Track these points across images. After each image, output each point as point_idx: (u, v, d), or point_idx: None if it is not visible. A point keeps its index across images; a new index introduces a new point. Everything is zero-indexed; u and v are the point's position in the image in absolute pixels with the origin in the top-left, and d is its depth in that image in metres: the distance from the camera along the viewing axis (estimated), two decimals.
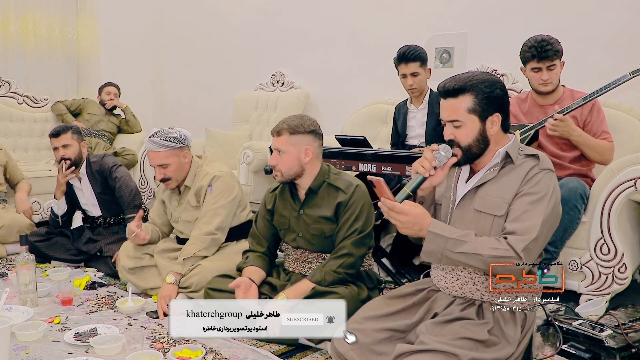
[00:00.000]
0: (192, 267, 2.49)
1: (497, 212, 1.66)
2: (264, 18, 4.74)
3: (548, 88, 2.60)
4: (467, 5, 3.60)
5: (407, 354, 1.57)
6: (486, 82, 1.66)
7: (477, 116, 1.67)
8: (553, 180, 1.66)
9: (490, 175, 1.70)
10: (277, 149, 2.17)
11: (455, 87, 1.67)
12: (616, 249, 2.36)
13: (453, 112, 1.68)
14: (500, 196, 1.67)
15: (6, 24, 4.65)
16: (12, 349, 2.02)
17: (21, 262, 2.45)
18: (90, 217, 3.32)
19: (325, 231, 2.20)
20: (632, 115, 2.82)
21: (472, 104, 1.66)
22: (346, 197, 2.16)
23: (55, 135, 3.18)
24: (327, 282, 2.10)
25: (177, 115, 5.39)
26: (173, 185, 2.67)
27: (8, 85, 4.63)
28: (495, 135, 1.70)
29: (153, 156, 2.58)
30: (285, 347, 2.11)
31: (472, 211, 1.71)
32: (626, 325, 1.99)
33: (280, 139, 2.17)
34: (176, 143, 2.58)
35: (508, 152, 1.70)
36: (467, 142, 1.68)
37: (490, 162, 1.73)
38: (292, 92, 4.47)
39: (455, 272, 1.76)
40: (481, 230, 1.68)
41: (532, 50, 2.56)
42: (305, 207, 2.24)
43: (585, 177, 2.62)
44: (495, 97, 1.66)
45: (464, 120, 1.67)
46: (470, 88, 1.66)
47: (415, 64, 2.98)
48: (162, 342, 2.13)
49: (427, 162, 1.68)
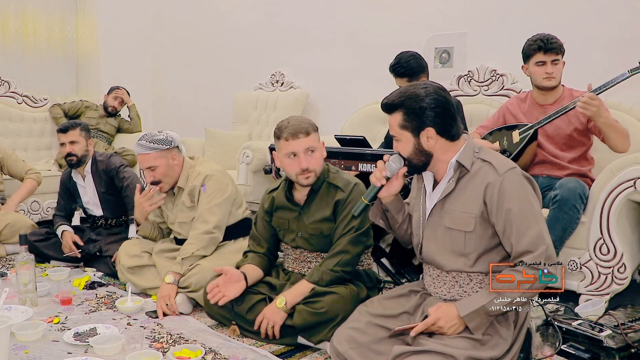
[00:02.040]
0: (190, 267, 2.49)
1: (466, 228, 1.67)
2: (263, 18, 4.74)
3: (552, 83, 2.60)
4: (467, 5, 3.60)
5: (405, 355, 1.58)
6: (416, 97, 1.65)
7: (409, 131, 1.68)
8: (519, 175, 1.64)
9: (449, 188, 1.70)
10: (309, 149, 2.11)
11: (387, 104, 1.72)
12: (615, 249, 2.36)
13: (390, 128, 1.75)
14: (465, 211, 1.67)
15: (6, 23, 4.64)
16: (12, 349, 2.02)
17: (20, 262, 2.45)
18: (91, 217, 3.32)
19: (324, 230, 2.20)
20: (631, 115, 2.82)
21: (402, 121, 1.68)
22: (344, 195, 2.15)
23: (63, 130, 3.18)
24: (324, 282, 2.10)
25: (176, 115, 5.39)
26: (166, 188, 2.67)
27: (7, 85, 4.63)
28: (437, 147, 1.68)
29: (142, 159, 2.59)
30: (284, 347, 2.11)
31: (443, 228, 1.73)
32: (625, 326, 1.99)
33: (310, 137, 2.12)
34: (163, 145, 2.58)
35: (459, 162, 1.69)
36: (406, 155, 1.72)
37: (446, 175, 1.73)
38: (292, 92, 4.46)
39: (440, 277, 1.77)
40: (455, 246, 1.70)
41: (537, 43, 2.57)
42: (305, 207, 2.24)
43: (584, 177, 2.62)
44: (423, 112, 1.65)
45: (399, 136, 1.72)
46: (399, 105, 1.68)
47: (403, 79, 2.94)
48: (161, 341, 2.13)
49: (379, 172, 1.74)
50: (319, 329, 2.02)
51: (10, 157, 3.62)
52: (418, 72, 2.96)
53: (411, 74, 2.94)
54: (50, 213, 4.10)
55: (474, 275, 1.71)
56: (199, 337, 2.18)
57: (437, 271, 1.78)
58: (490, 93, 3.40)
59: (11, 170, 3.61)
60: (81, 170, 3.24)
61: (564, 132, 2.62)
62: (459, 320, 1.62)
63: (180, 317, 2.39)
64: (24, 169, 3.61)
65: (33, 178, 3.58)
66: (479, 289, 1.70)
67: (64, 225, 3.24)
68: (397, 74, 2.97)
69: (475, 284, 1.71)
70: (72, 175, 3.30)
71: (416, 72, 2.95)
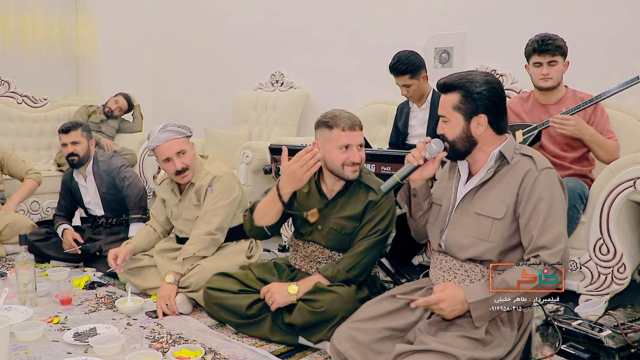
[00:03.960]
0: (191, 267, 2.48)
1: (496, 215, 1.68)
2: (263, 18, 4.74)
3: (548, 84, 2.60)
4: (467, 5, 3.60)
5: (406, 354, 1.58)
6: (477, 82, 1.67)
7: (462, 114, 1.69)
8: (555, 176, 1.66)
9: (487, 177, 1.71)
10: (361, 144, 2.12)
11: (445, 83, 1.72)
12: (615, 249, 2.36)
13: (442, 108, 1.74)
14: (499, 199, 1.68)
15: (5, 23, 4.64)
16: (12, 349, 2.02)
17: (20, 262, 2.45)
18: (92, 216, 3.33)
19: (347, 228, 2.17)
20: (631, 115, 2.82)
21: (457, 102, 1.69)
22: (377, 197, 2.15)
23: (65, 131, 3.19)
24: (337, 280, 2.11)
25: (176, 115, 5.37)
26: (190, 176, 2.64)
27: (7, 85, 4.63)
28: (484, 136, 1.70)
29: (171, 145, 2.55)
30: (284, 347, 2.11)
31: (472, 214, 1.72)
32: (625, 326, 1.99)
33: (362, 133, 2.14)
34: (187, 131, 2.63)
35: (502, 153, 1.70)
36: (451, 137, 1.72)
37: (486, 164, 1.74)
38: (292, 92, 4.46)
39: (452, 270, 1.77)
40: (480, 233, 1.69)
41: (533, 44, 2.59)
42: (333, 201, 2.21)
43: (585, 177, 2.62)
44: (482, 98, 1.66)
45: (449, 117, 1.72)
46: (459, 86, 1.68)
47: (405, 77, 2.96)
48: (161, 342, 2.13)
49: (417, 152, 1.74)
50: (318, 328, 2.02)
51: (10, 157, 3.62)
52: (419, 67, 2.98)
53: (413, 70, 2.95)
54: (50, 213, 4.10)
55: (486, 272, 1.70)
56: (199, 337, 2.18)
57: (450, 263, 1.77)
58: None
59: (11, 170, 3.61)
60: (83, 171, 3.25)
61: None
62: (462, 306, 1.61)
63: (180, 317, 2.39)
64: (24, 169, 3.61)
65: (33, 178, 3.58)
66: None
67: (65, 224, 3.24)
68: (398, 72, 2.97)
69: (487, 280, 1.70)
70: (74, 176, 3.31)
71: (417, 68, 2.97)
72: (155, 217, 2.86)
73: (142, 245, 2.77)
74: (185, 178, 2.63)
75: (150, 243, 2.81)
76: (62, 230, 3.19)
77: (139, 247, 2.76)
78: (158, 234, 2.84)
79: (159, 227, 2.85)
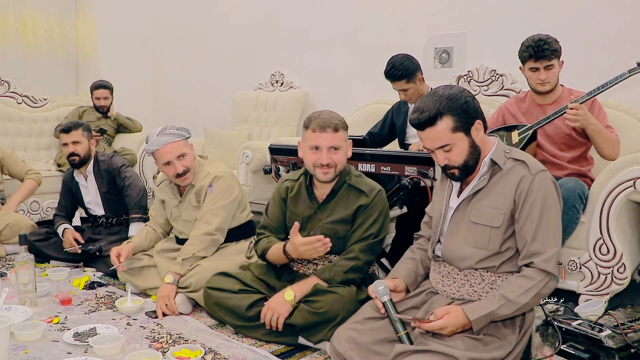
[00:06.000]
0: (191, 267, 2.48)
1: (493, 224, 1.68)
2: (263, 18, 4.74)
3: (546, 88, 2.60)
4: (466, 5, 3.60)
5: (406, 354, 1.58)
6: (451, 98, 1.64)
7: (462, 131, 1.66)
8: (549, 178, 1.66)
9: (481, 184, 1.71)
10: (333, 146, 2.09)
11: (430, 116, 1.64)
12: (615, 249, 2.36)
13: (439, 139, 1.67)
14: (494, 207, 1.68)
15: (5, 23, 4.65)
16: (11, 349, 2.03)
17: (20, 262, 2.45)
18: (92, 216, 3.33)
19: (340, 231, 2.18)
20: (631, 115, 2.82)
21: (453, 124, 1.64)
22: (368, 200, 2.14)
23: (66, 131, 3.19)
24: (335, 282, 2.10)
25: (176, 115, 5.39)
26: (191, 178, 2.64)
27: (7, 85, 4.63)
28: (481, 141, 1.70)
29: (171, 148, 2.55)
30: (284, 347, 2.11)
31: (468, 223, 1.72)
32: (625, 326, 1.99)
33: (338, 134, 2.09)
34: (187, 133, 2.62)
35: (493, 160, 1.70)
36: (462, 160, 1.69)
37: (479, 172, 1.73)
38: (291, 92, 4.46)
39: (451, 275, 1.77)
40: (479, 241, 1.69)
41: (529, 50, 2.55)
42: (322, 206, 2.21)
43: (584, 177, 2.62)
44: (468, 107, 1.65)
45: (452, 142, 1.66)
46: (445, 110, 1.64)
47: (401, 82, 2.96)
48: (161, 342, 2.13)
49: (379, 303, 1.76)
50: (318, 328, 2.02)
51: (10, 157, 3.62)
52: (414, 71, 2.98)
53: (408, 75, 2.95)
54: (50, 213, 4.10)
55: (486, 275, 1.70)
56: (199, 337, 2.18)
57: (448, 268, 1.77)
58: (490, 93, 3.40)
59: (11, 170, 3.61)
60: (83, 171, 3.26)
61: (563, 132, 2.61)
62: (464, 326, 1.61)
63: (179, 317, 2.39)
64: (24, 169, 3.62)
65: (33, 178, 3.59)
66: (490, 289, 1.69)
67: (65, 224, 3.24)
68: (394, 78, 2.97)
69: (487, 284, 1.70)
70: (75, 176, 3.31)
71: (413, 72, 2.97)
72: (154, 219, 2.86)
73: (143, 244, 2.77)
74: (186, 180, 2.63)
75: (151, 243, 2.81)
76: (63, 229, 3.19)
77: (140, 247, 2.76)
78: (158, 234, 2.84)
79: (158, 228, 2.85)
